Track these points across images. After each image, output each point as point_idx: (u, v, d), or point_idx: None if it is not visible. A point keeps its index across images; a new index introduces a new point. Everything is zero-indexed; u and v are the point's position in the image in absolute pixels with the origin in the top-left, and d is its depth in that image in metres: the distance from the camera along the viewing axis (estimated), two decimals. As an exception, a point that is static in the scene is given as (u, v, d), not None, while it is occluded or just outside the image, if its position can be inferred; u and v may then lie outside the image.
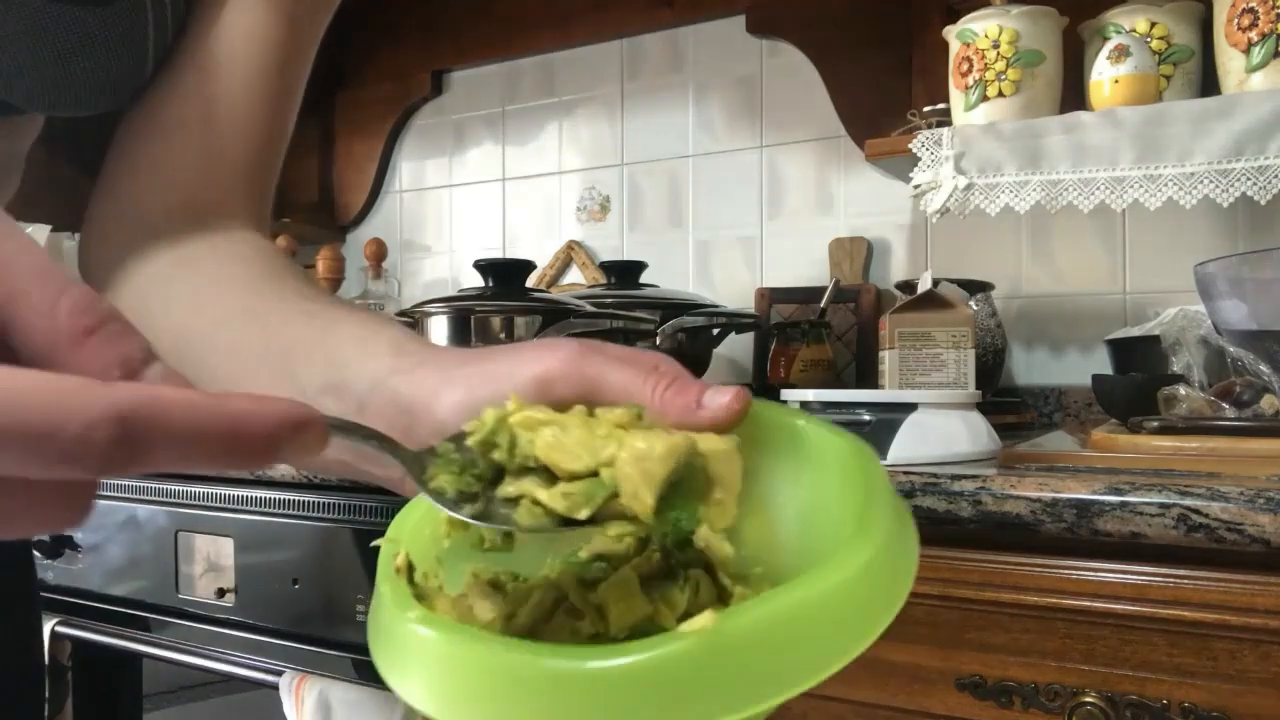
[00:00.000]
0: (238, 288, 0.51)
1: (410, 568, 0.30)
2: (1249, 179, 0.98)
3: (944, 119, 1.20)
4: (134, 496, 1.12)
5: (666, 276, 1.59)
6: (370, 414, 0.37)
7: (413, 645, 0.26)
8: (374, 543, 0.31)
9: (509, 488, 0.29)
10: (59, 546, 1.19)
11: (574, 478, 0.28)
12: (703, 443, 0.28)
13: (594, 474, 0.28)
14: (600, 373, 0.32)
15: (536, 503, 0.28)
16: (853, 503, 0.27)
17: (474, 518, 0.28)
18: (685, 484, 0.28)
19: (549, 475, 0.28)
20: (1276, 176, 0.97)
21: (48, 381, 0.21)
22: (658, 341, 1.32)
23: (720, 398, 0.30)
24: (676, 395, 0.31)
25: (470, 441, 0.29)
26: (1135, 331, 1.12)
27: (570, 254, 1.73)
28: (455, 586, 0.31)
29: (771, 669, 0.23)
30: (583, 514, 0.27)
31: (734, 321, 1.39)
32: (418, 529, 0.32)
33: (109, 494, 1.15)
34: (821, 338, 1.37)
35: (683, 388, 0.31)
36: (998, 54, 1.13)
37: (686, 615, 0.27)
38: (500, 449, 0.29)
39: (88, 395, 0.20)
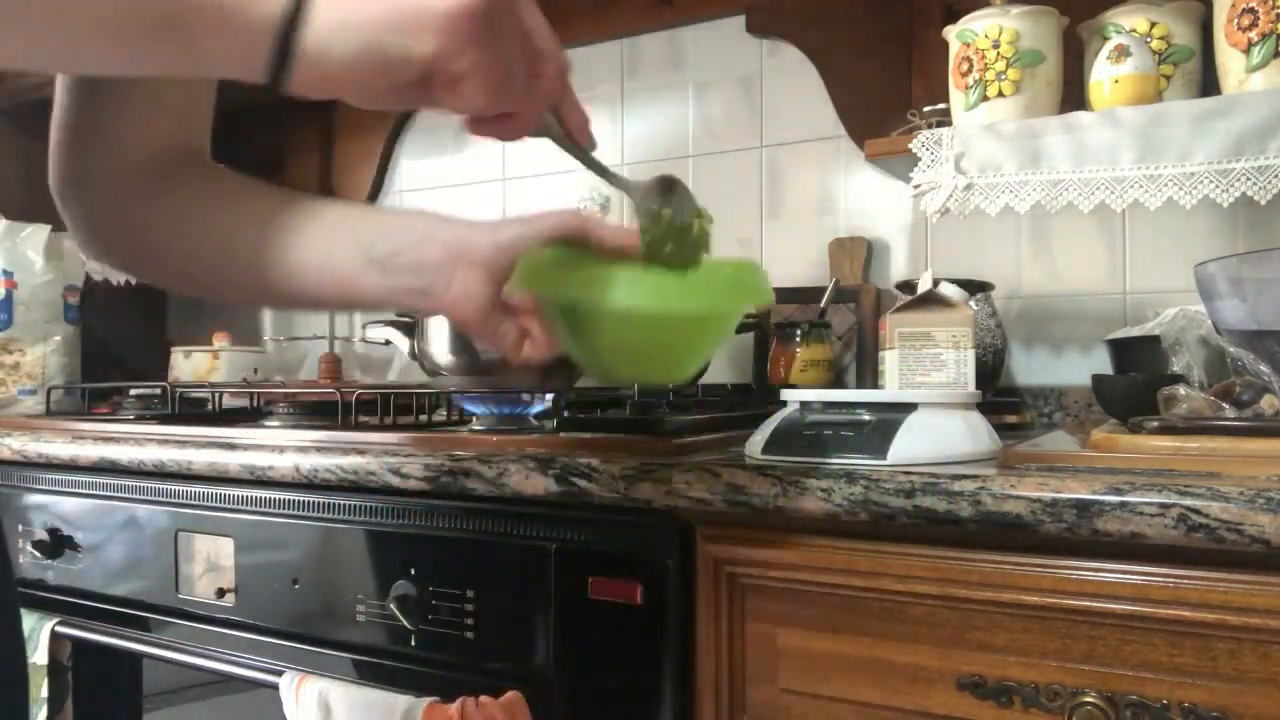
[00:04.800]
0: (268, 187, 0.64)
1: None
2: (1249, 179, 0.98)
3: (944, 119, 1.20)
4: (134, 496, 1.12)
5: (666, 276, 1.58)
6: (435, 242, 0.59)
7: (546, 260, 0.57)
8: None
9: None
10: (59, 546, 1.19)
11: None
12: None
13: None
14: (591, 221, 0.61)
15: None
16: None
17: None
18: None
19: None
20: (1276, 176, 0.97)
21: None
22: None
23: None
24: (628, 230, 0.60)
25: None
26: (1135, 331, 1.12)
27: (570, 254, 1.72)
28: None
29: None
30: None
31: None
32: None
33: (109, 494, 1.15)
34: (821, 338, 1.37)
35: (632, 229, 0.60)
36: (998, 54, 1.13)
37: None
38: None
39: None
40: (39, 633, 1.16)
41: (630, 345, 0.57)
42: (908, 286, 1.21)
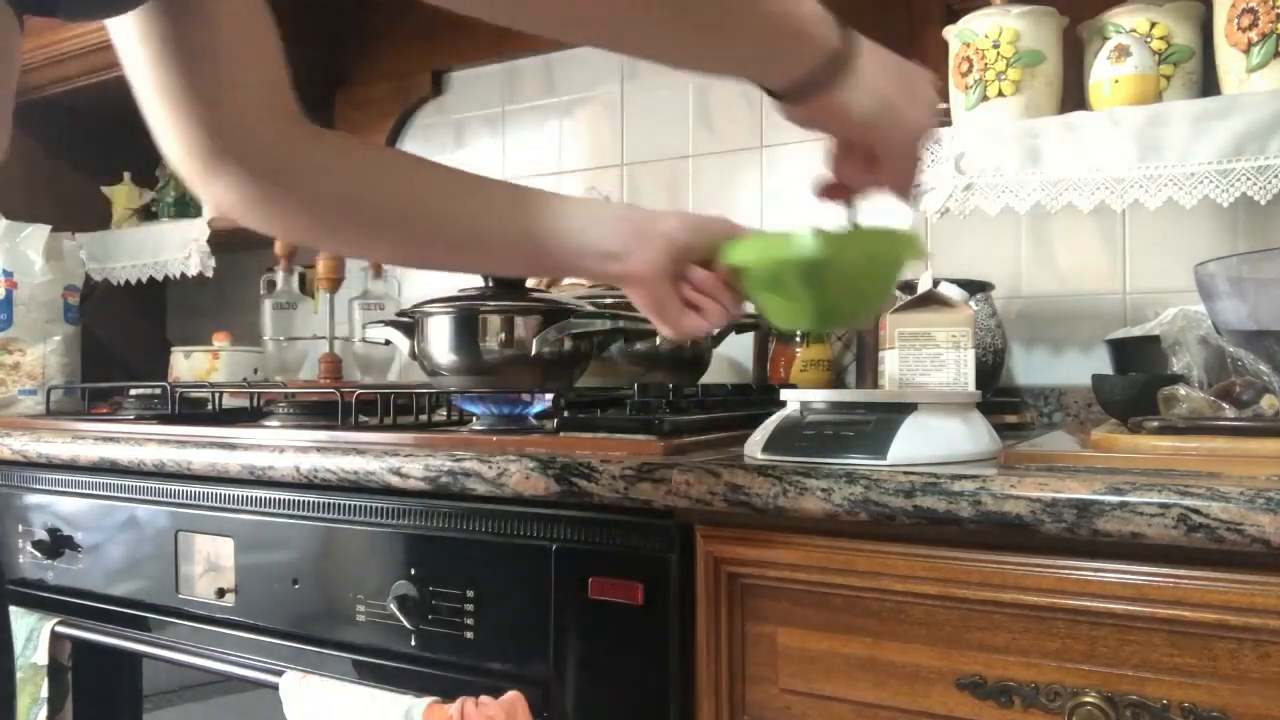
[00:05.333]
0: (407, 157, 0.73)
1: None
2: (1249, 179, 0.98)
3: (944, 119, 1.20)
4: (134, 496, 1.12)
5: (666, 276, 1.58)
6: (626, 219, 0.69)
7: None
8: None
9: None
10: (59, 546, 1.19)
11: None
12: None
13: None
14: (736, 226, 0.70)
15: None
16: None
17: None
18: None
19: None
20: (1276, 176, 0.97)
21: None
22: (658, 342, 1.32)
23: None
24: None
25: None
26: (1135, 331, 1.12)
27: (570, 254, 1.72)
28: None
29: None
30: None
31: (734, 321, 1.39)
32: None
33: (109, 494, 1.15)
34: (822, 338, 1.37)
35: None
36: (998, 54, 1.13)
37: None
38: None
39: None
40: (39, 633, 1.16)
41: (847, 289, 0.67)
42: (908, 286, 1.21)
